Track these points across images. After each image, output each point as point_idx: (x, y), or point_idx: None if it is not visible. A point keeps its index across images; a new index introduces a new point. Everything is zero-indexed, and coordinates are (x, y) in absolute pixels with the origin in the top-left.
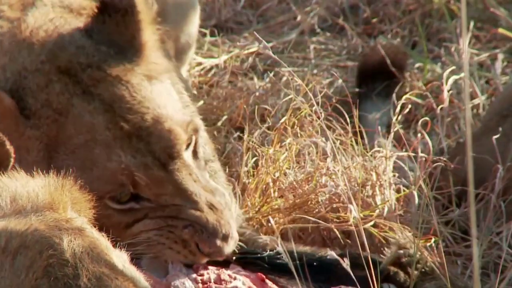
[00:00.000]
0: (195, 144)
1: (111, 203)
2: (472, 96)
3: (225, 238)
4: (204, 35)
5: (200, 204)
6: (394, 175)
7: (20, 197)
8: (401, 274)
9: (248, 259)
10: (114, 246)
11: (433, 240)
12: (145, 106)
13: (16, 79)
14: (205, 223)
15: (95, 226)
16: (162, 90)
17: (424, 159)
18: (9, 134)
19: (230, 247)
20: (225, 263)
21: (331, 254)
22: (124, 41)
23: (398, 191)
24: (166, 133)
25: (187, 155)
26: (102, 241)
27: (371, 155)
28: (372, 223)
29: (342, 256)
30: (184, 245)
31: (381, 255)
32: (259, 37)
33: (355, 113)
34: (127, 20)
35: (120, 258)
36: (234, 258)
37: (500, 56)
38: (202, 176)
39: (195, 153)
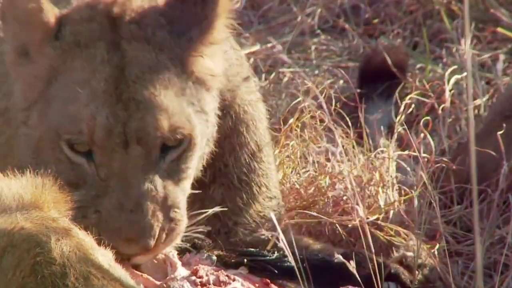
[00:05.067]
0: (182, 153)
1: (65, 146)
2: (473, 97)
3: (128, 240)
4: None
5: (127, 199)
6: (397, 176)
7: (6, 196)
8: (402, 270)
9: (257, 263)
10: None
11: (437, 246)
12: (155, 87)
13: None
14: (114, 218)
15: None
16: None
17: (426, 159)
18: (32, 43)
19: (134, 251)
20: (236, 266)
21: (338, 257)
22: (194, 22)
23: (400, 191)
24: (151, 120)
25: (155, 153)
26: (88, 241)
27: (374, 156)
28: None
29: (347, 256)
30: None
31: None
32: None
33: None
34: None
35: (105, 257)
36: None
37: (501, 57)
38: (167, 187)
39: (174, 160)
